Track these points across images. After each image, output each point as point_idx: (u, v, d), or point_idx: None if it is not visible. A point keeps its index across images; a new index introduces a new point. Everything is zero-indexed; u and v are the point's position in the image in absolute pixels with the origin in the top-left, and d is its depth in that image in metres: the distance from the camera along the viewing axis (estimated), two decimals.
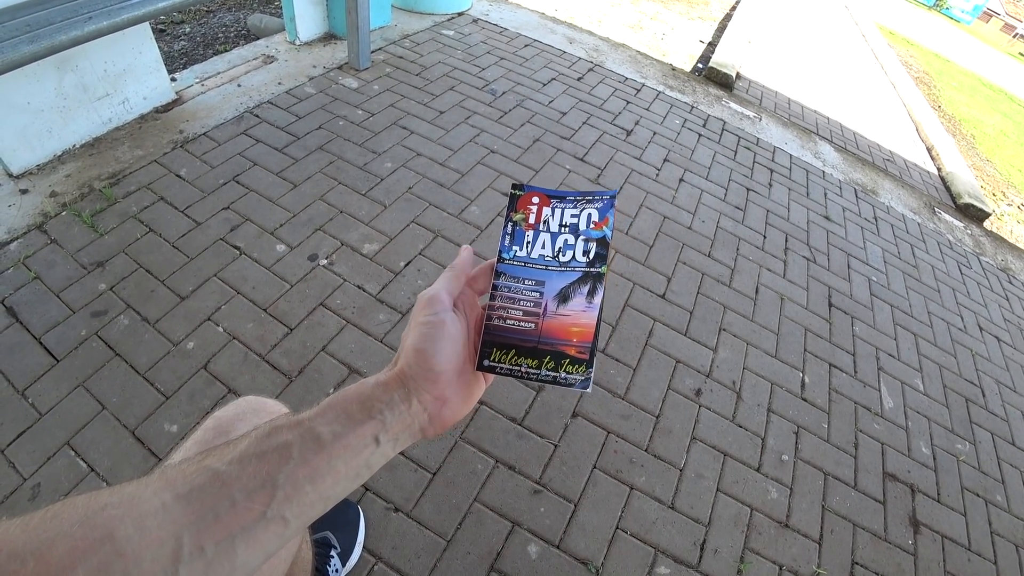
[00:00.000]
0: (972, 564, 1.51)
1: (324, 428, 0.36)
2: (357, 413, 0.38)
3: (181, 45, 2.80)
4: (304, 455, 0.35)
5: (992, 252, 3.07)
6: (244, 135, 2.03)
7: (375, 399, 0.38)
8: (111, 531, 0.29)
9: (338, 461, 0.36)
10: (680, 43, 4.20)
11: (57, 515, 0.29)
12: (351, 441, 0.36)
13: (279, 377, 1.39)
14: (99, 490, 0.31)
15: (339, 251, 1.72)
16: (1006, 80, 11.15)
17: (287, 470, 0.34)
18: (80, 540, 0.28)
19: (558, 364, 0.44)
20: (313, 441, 0.36)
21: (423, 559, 1.16)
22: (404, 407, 0.39)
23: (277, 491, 0.33)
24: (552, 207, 0.49)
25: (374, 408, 0.38)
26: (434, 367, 0.40)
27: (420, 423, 0.40)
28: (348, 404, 0.38)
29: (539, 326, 0.45)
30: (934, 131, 4.45)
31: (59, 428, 1.22)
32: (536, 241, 0.48)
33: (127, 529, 0.29)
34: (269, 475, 0.34)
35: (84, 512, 0.29)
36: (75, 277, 1.49)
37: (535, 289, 0.46)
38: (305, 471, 0.35)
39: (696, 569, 1.28)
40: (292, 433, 0.36)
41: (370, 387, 0.39)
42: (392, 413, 0.38)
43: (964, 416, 1.93)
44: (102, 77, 1.84)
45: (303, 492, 0.34)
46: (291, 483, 0.34)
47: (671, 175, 2.51)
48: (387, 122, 2.26)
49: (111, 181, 1.75)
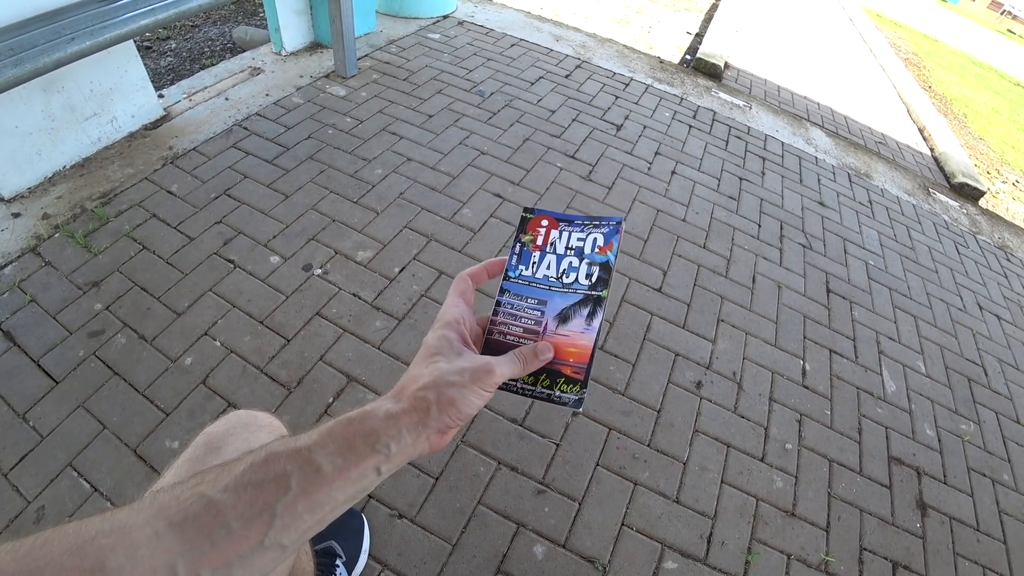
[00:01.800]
0: (981, 544, 1.51)
1: (325, 460, 0.35)
2: (361, 446, 0.37)
3: (167, 61, 2.80)
4: (304, 486, 0.34)
5: (989, 230, 3.06)
6: (234, 148, 2.02)
7: (382, 433, 0.37)
8: (102, 561, 0.28)
9: (337, 492, 0.35)
10: (667, 35, 4.20)
11: (47, 543, 0.29)
12: (352, 474, 0.36)
13: (278, 389, 1.38)
14: (90, 517, 0.31)
15: (333, 260, 1.71)
16: (995, 57, 11.12)
17: (285, 500, 0.34)
18: (70, 570, 0.27)
19: (553, 382, 0.46)
20: (313, 473, 0.35)
21: (429, 564, 1.16)
22: (410, 439, 0.38)
23: (275, 520, 0.33)
24: (560, 230, 0.51)
25: (379, 442, 0.37)
26: (464, 423, 0.41)
27: (420, 451, 0.40)
28: (352, 437, 0.37)
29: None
30: (925, 112, 4.45)
31: (61, 450, 1.22)
32: (542, 262, 0.50)
33: (118, 559, 0.29)
34: (267, 504, 0.33)
35: (74, 541, 0.29)
36: (71, 298, 1.49)
37: (537, 308, 0.48)
38: (304, 503, 0.34)
39: (704, 562, 1.28)
40: (291, 463, 0.35)
41: (379, 420, 0.38)
42: (398, 445, 0.37)
43: (967, 396, 1.93)
44: (89, 97, 1.84)
45: (301, 520, 0.34)
46: (289, 513, 0.34)
47: (663, 168, 2.51)
48: (376, 128, 2.26)
49: (103, 200, 1.75)
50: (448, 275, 1.74)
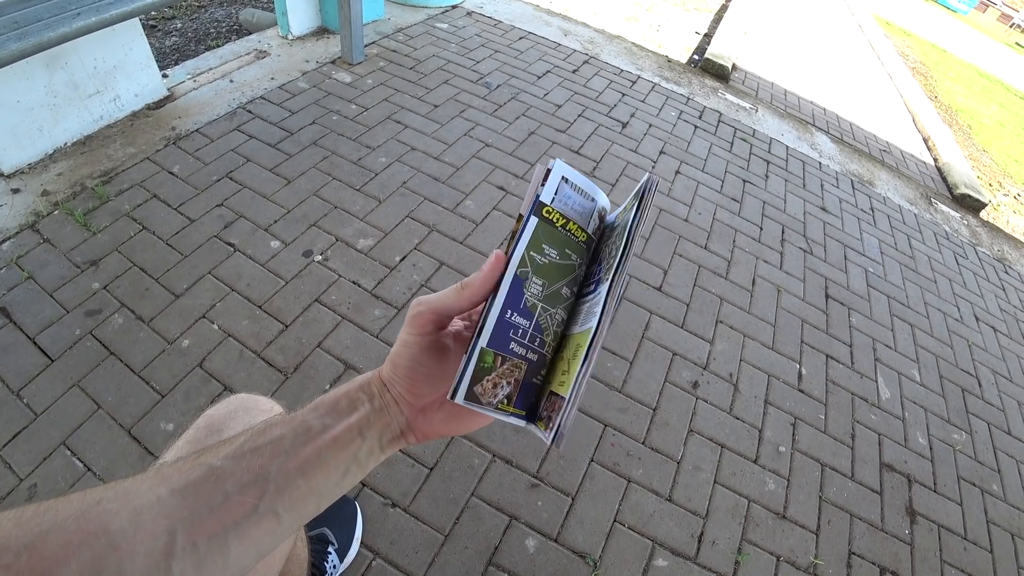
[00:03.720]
0: (968, 553, 1.52)
1: (315, 421, 0.37)
2: (344, 406, 0.39)
3: (172, 41, 2.77)
4: (295, 447, 0.36)
5: (988, 242, 3.07)
6: (237, 131, 2.01)
7: (358, 393, 0.40)
8: (106, 524, 0.29)
9: (327, 453, 0.36)
10: (676, 34, 4.18)
11: (51, 508, 0.29)
12: (339, 433, 0.37)
13: (275, 374, 1.38)
14: (95, 487, 0.32)
15: (334, 247, 1.71)
16: (1003, 70, 11.11)
17: (278, 463, 0.35)
18: (74, 534, 0.28)
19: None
20: (304, 433, 0.36)
21: (421, 554, 1.16)
22: (381, 402, 0.40)
23: (268, 484, 0.34)
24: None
25: (357, 400, 0.39)
26: (412, 381, 0.40)
27: (399, 423, 0.40)
28: (337, 399, 0.40)
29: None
30: (931, 121, 4.44)
31: (55, 428, 1.21)
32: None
33: (122, 523, 0.29)
34: (262, 468, 0.34)
35: (79, 506, 0.29)
36: (68, 276, 1.48)
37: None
38: (295, 463, 0.35)
39: (694, 561, 1.29)
40: (285, 427, 0.37)
41: (356, 383, 0.41)
42: (372, 405, 0.39)
43: (961, 406, 1.94)
44: (92, 74, 1.82)
45: (294, 485, 0.35)
46: (282, 476, 0.34)
47: (667, 167, 2.50)
48: (381, 116, 2.24)
49: (103, 179, 1.74)
50: (449, 266, 1.74)
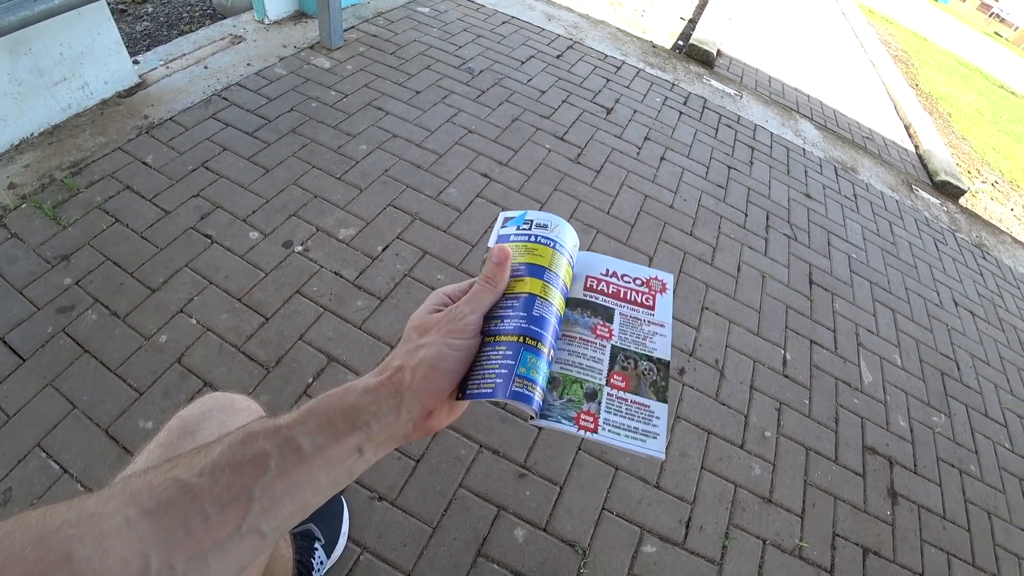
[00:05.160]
0: (947, 532, 1.55)
1: (305, 438, 0.34)
2: (341, 423, 0.35)
3: (144, 26, 2.68)
4: (282, 467, 0.33)
5: (967, 229, 3.12)
6: (213, 119, 1.95)
7: (362, 408, 0.36)
8: (68, 552, 0.27)
9: (319, 473, 0.34)
10: (660, 20, 4.15)
11: (8, 536, 0.27)
12: (334, 453, 0.34)
13: (256, 368, 1.35)
14: (55, 506, 0.29)
15: (314, 237, 1.67)
16: (981, 59, 11.28)
17: (264, 482, 0.32)
18: (34, 564, 0.26)
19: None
20: (293, 452, 0.33)
21: (409, 547, 1.15)
22: (392, 417, 0.37)
23: (253, 504, 0.31)
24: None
25: (359, 419, 0.36)
26: (445, 389, 0.38)
27: (405, 431, 0.38)
28: (332, 413, 0.36)
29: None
30: (912, 109, 4.49)
31: (28, 430, 1.17)
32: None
33: (86, 550, 0.27)
34: (244, 487, 0.31)
35: (38, 532, 0.27)
36: (39, 272, 1.43)
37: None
38: (284, 484, 0.32)
39: (682, 547, 1.30)
40: (269, 442, 0.33)
41: (358, 394, 0.37)
42: (379, 423, 0.36)
43: (940, 389, 1.97)
44: (58, 61, 1.75)
45: (280, 504, 0.32)
46: (268, 496, 0.32)
47: (652, 153, 2.49)
48: (361, 103, 2.19)
49: (73, 170, 1.68)
50: (432, 255, 1.71)
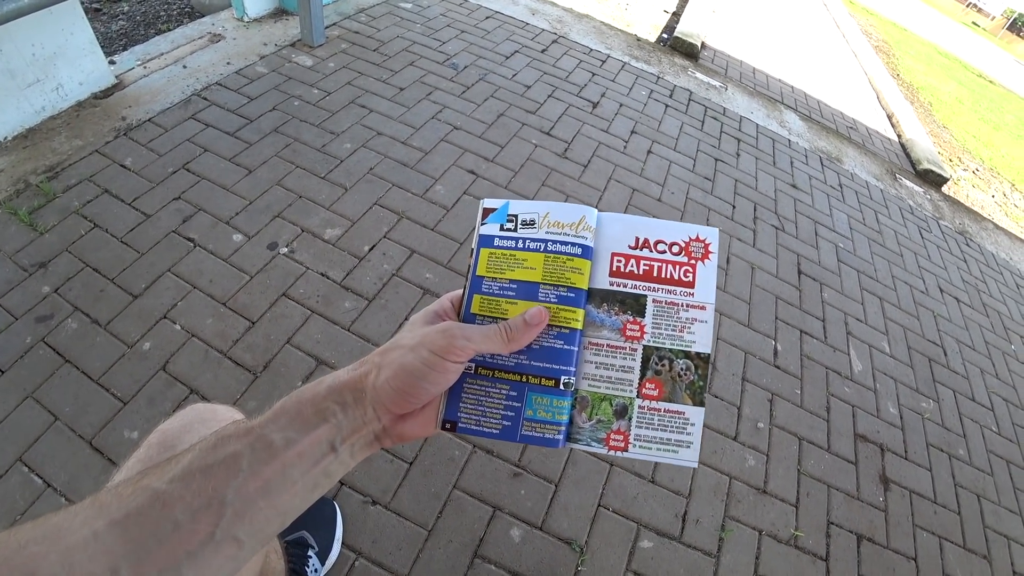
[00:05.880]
0: (938, 516, 1.57)
1: (276, 435, 0.33)
2: (311, 416, 0.34)
3: (119, 25, 2.61)
4: (254, 466, 0.31)
5: (950, 216, 3.16)
6: (192, 120, 1.91)
7: (328, 399, 0.35)
8: (33, 571, 0.25)
9: (293, 470, 0.32)
10: (644, 13, 4.14)
11: None
12: (306, 448, 0.33)
13: (243, 374, 1.33)
14: (21, 525, 0.28)
15: (300, 238, 1.64)
16: (960, 49, 11.43)
17: (235, 484, 0.30)
18: None
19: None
20: (264, 449, 0.32)
21: (405, 551, 1.14)
22: (359, 411, 0.35)
23: (225, 508, 0.30)
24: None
25: (327, 410, 0.35)
26: (411, 397, 0.36)
27: (374, 430, 0.36)
28: (302, 406, 0.35)
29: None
30: (894, 99, 4.53)
31: (9, 444, 1.14)
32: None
33: (52, 567, 0.26)
34: (216, 491, 0.30)
35: (2, 552, 0.26)
36: (15, 280, 1.38)
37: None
38: (256, 484, 0.31)
39: (679, 540, 1.30)
40: (241, 443, 0.32)
41: (324, 388, 0.36)
42: (346, 416, 0.35)
43: (928, 376, 2.00)
44: (31, 62, 1.70)
45: (256, 508, 0.31)
46: (241, 499, 0.30)
47: (639, 147, 2.48)
48: (345, 101, 2.16)
49: (49, 175, 1.63)
50: (420, 254, 1.69)
